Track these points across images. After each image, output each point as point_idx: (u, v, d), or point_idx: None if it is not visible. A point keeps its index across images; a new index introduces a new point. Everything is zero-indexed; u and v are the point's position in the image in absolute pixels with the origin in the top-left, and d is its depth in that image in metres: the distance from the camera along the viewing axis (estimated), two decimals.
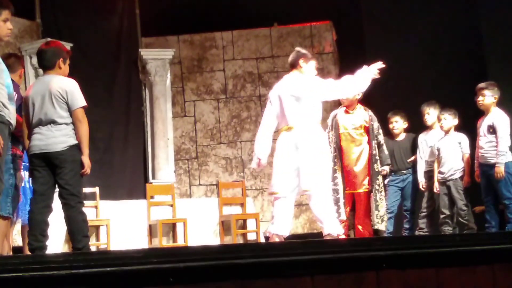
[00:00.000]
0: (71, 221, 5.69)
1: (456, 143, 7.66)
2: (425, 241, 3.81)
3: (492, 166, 7.04)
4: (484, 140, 7.17)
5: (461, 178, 7.62)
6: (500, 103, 7.27)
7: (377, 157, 7.10)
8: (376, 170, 7.05)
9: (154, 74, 11.19)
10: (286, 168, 6.07)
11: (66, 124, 5.76)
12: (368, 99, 7.80)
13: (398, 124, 8.21)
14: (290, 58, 6.38)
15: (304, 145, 6.03)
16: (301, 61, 6.28)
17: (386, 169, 7.24)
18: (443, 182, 7.65)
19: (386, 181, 7.42)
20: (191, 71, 11.55)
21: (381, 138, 7.22)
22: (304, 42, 11.52)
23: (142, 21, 11.41)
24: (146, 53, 11.24)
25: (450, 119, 7.67)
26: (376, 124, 7.23)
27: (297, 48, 6.47)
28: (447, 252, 3.30)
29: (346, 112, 7.19)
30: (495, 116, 7.12)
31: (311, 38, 11.55)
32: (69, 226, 5.71)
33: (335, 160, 7.07)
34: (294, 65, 6.33)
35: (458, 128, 7.78)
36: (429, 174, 7.95)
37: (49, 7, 10.40)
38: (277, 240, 6.09)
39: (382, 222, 7.02)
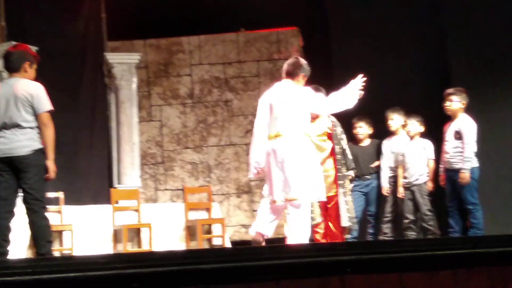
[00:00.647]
0: (34, 226, 5.64)
1: (421, 148, 7.74)
2: (389, 246, 3.85)
3: (457, 171, 7.12)
4: (450, 145, 7.24)
5: (426, 183, 7.70)
6: (467, 110, 7.35)
7: (343, 161, 7.15)
8: (343, 173, 7.10)
9: (120, 78, 11.13)
10: (278, 176, 6.09)
11: (31, 128, 5.71)
12: None
13: (363, 129, 8.28)
14: (290, 67, 6.37)
15: (292, 154, 6.05)
16: (301, 76, 6.34)
17: (351, 174, 7.30)
18: (408, 187, 7.72)
19: (350, 186, 7.47)
20: (158, 75, 11.50)
21: (344, 143, 7.25)
22: (271, 48, 11.55)
23: (108, 25, 11.33)
24: (112, 57, 11.17)
25: (417, 126, 7.76)
26: (339, 130, 7.27)
27: (301, 60, 6.46)
28: (410, 257, 3.33)
29: (311, 121, 7.20)
30: (462, 122, 7.19)
31: (278, 44, 11.58)
32: (33, 231, 5.65)
33: None
34: (292, 75, 6.34)
35: (422, 135, 7.87)
36: (392, 180, 8.03)
37: (15, 9, 10.28)
38: (259, 239, 6.12)
39: (352, 223, 7.09)
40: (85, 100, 11.00)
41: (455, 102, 7.25)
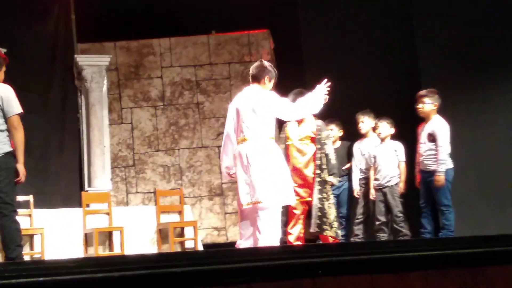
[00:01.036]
0: (4, 230, 5.58)
1: (392, 150, 7.78)
2: (360, 248, 3.85)
3: (431, 173, 7.15)
4: (424, 147, 7.27)
5: (397, 185, 7.74)
6: (439, 111, 7.40)
7: (324, 167, 7.10)
8: (323, 178, 7.05)
9: (90, 80, 11.05)
10: (244, 180, 6.09)
11: (1, 131, 5.64)
12: None
13: (333, 132, 8.30)
14: (255, 70, 6.35)
15: (256, 158, 6.05)
16: (266, 78, 6.30)
17: (331, 179, 7.18)
18: (379, 189, 7.76)
19: (330, 192, 7.43)
20: (128, 77, 11.46)
21: (328, 148, 7.18)
22: (242, 50, 11.57)
23: (78, 27, 11.25)
24: (82, 59, 11.09)
25: (387, 128, 7.79)
26: (324, 134, 7.21)
27: (265, 63, 6.42)
28: (382, 259, 3.34)
29: (297, 123, 7.21)
30: (435, 123, 7.22)
31: (249, 46, 11.60)
32: (2, 235, 5.60)
33: None
34: (257, 79, 6.33)
35: (393, 137, 7.91)
36: (364, 182, 8.07)
37: None
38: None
39: (331, 228, 7.01)
40: (55, 103, 10.91)
41: (428, 104, 7.28)
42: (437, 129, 7.19)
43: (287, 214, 7.00)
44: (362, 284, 3.24)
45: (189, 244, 9.16)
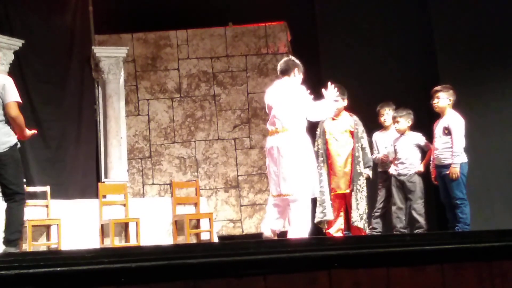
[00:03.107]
0: (11, 212, 5.73)
1: (412, 142, 7.74)
2: (377, 241, 3.84)
3: (446, 166, 7.13)
4: (439, 141, 7.26)
5: (416, 174, 7.70)
6: (455, 106, 7.37)
7: (360, 159, 7.28)
8: (358, 171, 7.23)
9: (107, 72, 11.09)
10: (274, 172, 6.30)
11: (6, 122, 5.75)
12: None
13: None
14: (283, 65, 6.57)
15: (287, 150, 6.21)
16: (296, 70, 6.51)
17: (367, 172, 7.39)
18: (399, 178, 7.71)
19: (364, 184, 7.51)
20: (145, 69, 11.47)
21: (364, 141, 7.42)
22: (259, 42, 11.55)
23: (96, 19, 11.28)
24: (99, 51, 11.13)
25: (403, 121, 7.76)
26: (360, 129, 7.48)
27: (291, 58, 6.69)
28: (398, 252, 3.33)
29: (332, 119, 7.40)
30: (450, 118, 7.21)
31: (266, 38, 11.58)
32: (8, 217, 5.73)
33: (322, 164, 7.24)
34: (286, 72, 6.52)
35: (412, 128, 7.87)
36: (384, 175, 8.02)
37: (1, 2, 10.22)
38: (270, 235, 6.34)
39: (361, 220, 7.18)
40: (72, 94, 10.96)
41: (442, 99, 7.27)
42: (452, 122, 7.17)
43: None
44: (378, 277, 3.24)
45: (204, 236, 9.18)
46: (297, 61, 6.59)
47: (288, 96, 6.33)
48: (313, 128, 7.31)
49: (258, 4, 11.01)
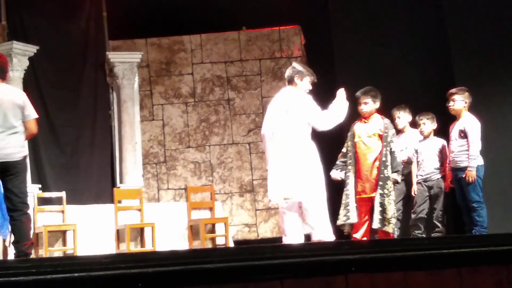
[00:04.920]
0: (20, 225, 5.84)
1: (435, 147, 7.69)
2: (393, 245, 3.83)
3: (462, 169, 7.10)
4: (455, 144, 7.22)
5: (440, 179, 7.65)
6: (471, 108, 7.34)
7: (388, 164, 7.21)
8: (386, 175, 7.17)
9: (121, 77, 11.13)
10: (281, 175, 6.33)
11: (20, 133, 5.94)
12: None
13: None
14: (287, 73, 6.59)
15: (290, 156, 6.24)
16: (296, 78, 6.49)
17: (395, 176, 7.29)
18: (423, 183, 7.65)
19: (392, 188, 7.47)
20: (159, 74, 11.50)
21: (393, 145, 7.30)
22: (273, 46, 11.55)
23: (110, 24, 11.33)
24: (113, 56, 11.17)
25: (429, 124, 7.73)
26: (391, 132, 7.34)
27: (294, 64, 6.68)
28: (415, 256, 3.32)
29: (363, 122, 7.38)
30: (466, 120, 7.18)
31: (280, 42, 11.58)
32: (17, 230, 5.83)
33: (350, 166, 7.24)
34: (290, 81, 6.55)
35: (435, 132, 7.84)
36: (401, 178, 7.97)
37: (15, 9, 10.27)
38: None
39: (389, 224, 7.11)
40: (87, 99, 11.00)
41: (458, 102, 7.24)
42: (468, 125, 7.14)
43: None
44: (395, 281, 3.22)
45: (220, 241, 9.19)
46: (300, 67, 6.58)
47: (290, 104, 6.33)
48: (343, 130, 7.34)
49: (272, 8, 11.01)
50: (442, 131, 7.72)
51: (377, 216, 7.08)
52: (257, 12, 11.14)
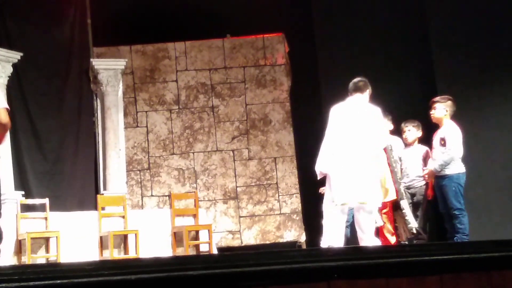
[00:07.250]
0: None
1: (419, 155, 7.73)
2: (375, 252, 3.85)
3: (444, 177, 7.15)
4: (436, 152, 7.28)
5: (422, 187, 7.68)
6: (454, 116, 7.39)
7: (396, 170, 7.50)
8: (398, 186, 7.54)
9: (106, 84, 11.11)
10: (345, 179, 6.69)
11: None
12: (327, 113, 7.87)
13: None
14: (358, 82, 6.89)
15: (362, 162, 6.58)
16: (368, 90, 6.88)
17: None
18: (406, 190, 7.68)
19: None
20: (144, 81, 11.49)
21: (396, 163, 7.61)
22: (257, 54, 11.58)
23: (94, 31, 11.31)
24: (97, 63, 11.15)
25: (414, 131, 7.78)
26: (396, 154, 7.64)
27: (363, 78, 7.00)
28: (398, 263, 3.34)
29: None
30: (446, 128, 7.24)
31: (264, 49, 11.61)
32: None
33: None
34: (360, 90, 6.86)
35: (420, 140, 7.88)
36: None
37: None
38: None
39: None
40: (70, 106, 10.97)
41: (439, 110, 7.30)
42: (447, 133, 7.20)
43: None
44: None
45: (203, 248, 9.18)
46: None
47: (363, 113, 6.70)
48: None
49: (256, 16, 11.05)
50: (426, 139, 7.77)
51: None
52: (241, 19, 11.18)
